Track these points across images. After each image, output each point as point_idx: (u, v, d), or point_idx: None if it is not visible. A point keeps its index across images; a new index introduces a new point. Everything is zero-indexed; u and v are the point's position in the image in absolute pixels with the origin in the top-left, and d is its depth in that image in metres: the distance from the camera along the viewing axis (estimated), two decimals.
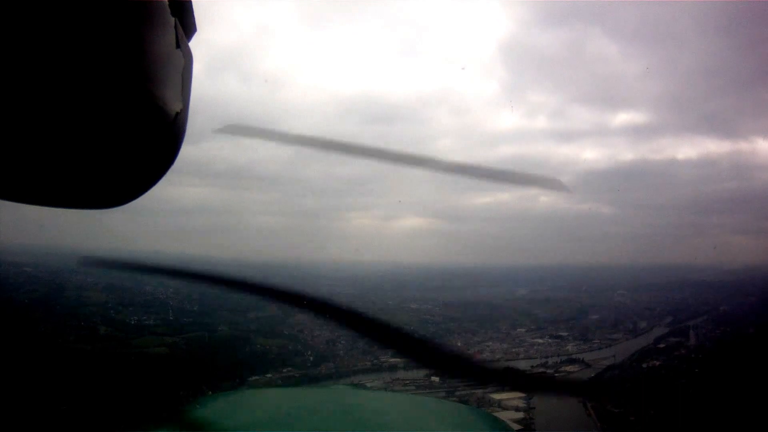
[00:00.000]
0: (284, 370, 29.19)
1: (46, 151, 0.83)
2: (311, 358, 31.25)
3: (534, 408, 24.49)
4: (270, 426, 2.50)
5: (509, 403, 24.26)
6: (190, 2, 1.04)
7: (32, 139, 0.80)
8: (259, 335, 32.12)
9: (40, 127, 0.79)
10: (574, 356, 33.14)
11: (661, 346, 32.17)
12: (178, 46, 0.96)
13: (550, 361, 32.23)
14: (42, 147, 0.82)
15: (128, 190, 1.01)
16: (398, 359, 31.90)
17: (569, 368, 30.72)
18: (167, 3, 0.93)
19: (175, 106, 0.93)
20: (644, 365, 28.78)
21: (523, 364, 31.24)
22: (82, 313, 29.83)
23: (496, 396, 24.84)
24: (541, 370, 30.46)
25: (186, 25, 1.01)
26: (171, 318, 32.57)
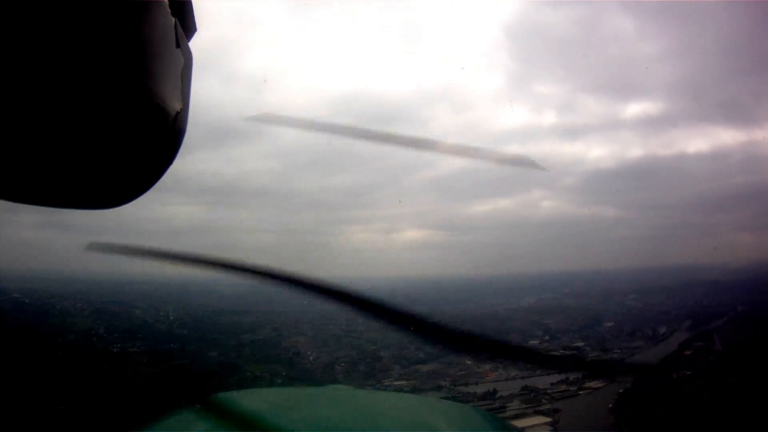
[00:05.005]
0: None
1: (46, 150, 0.83)
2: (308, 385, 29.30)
3: None
4: (268, 426, 2.22)
5: None
6: (190, 2, 1.04)
7: (31, 137, 0.80)
8: (250, 361, 30.27)
9: (40, 125, 0.79)
10: None
11: (688, 353, 29.94)
12: (178, 45, 0.97)
13: (571, 376, 29.92)
14: (41, 146, 0.82)
15: (128, 190, 1.01)
16: (402, 382, 29.80)
17: (593, 384, 28.53)
18: (167, 3, 0.93)
19: (176, 106, 0.94)
20: (674, 375, 26.48)
21: (542, 381, 29.13)
22: (64, 341, 28.04)
23: (519, 423, 22.60)
24: (564, 387, 28.40)
25: (186, 24, 1.02)
26: (157, 346, 30.66)
